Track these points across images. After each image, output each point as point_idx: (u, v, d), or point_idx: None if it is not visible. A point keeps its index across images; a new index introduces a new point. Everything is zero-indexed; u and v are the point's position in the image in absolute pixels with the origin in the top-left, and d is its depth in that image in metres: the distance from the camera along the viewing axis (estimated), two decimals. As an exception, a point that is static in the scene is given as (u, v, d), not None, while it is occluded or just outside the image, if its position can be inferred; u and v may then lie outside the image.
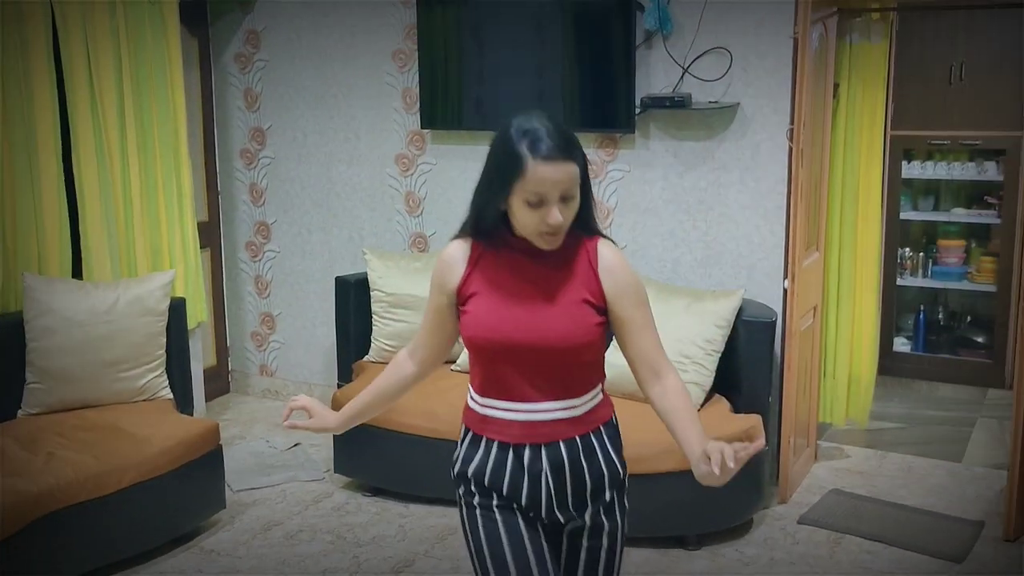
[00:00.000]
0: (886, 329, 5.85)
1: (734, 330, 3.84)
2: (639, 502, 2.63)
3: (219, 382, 5.39)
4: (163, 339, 3.96)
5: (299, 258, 5.20)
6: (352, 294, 4.51)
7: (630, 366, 2.01)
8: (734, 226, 4.14)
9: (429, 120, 4.67)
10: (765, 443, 1.77)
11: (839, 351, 4.56)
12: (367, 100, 4.86)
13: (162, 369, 3.96)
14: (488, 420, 2.01)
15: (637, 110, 4.14)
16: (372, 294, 4.45)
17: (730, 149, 4.09)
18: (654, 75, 4.17)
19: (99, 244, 4.20)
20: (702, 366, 3.79)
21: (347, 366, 4.52)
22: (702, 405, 3.80)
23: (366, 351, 4.46)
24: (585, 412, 2.00)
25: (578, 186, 1.88)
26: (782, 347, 3.97)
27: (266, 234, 5.26)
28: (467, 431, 2.08)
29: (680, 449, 1.91)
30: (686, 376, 3.77)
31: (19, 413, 3.76)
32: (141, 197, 4.36)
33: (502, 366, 1.96)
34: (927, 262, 5.88)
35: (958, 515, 3.90)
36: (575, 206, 1.89)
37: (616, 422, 2.10)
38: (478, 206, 1.95)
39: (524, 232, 1.91)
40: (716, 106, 4.01)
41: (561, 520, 2.03)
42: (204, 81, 5.15)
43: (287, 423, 2.18)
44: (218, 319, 5.36)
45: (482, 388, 2.02)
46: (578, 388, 1.99)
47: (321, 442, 4.64)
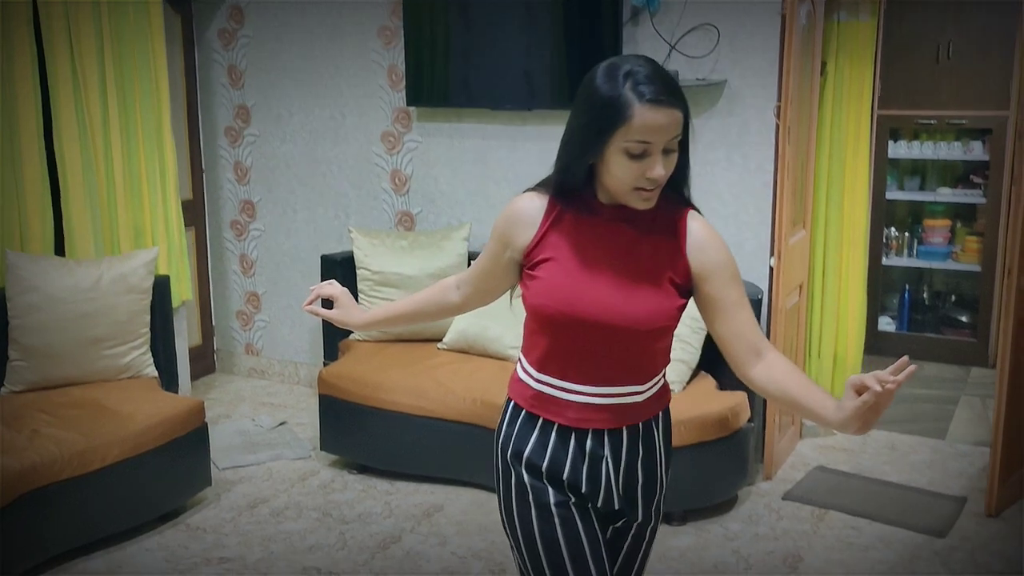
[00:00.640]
0: (871, 308, 5.87)
1: (720, 308, 3.84)
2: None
3: (205, 361, 5.37)
4: (147, 317, 3.94)
5: (284, 237, 5.17)
6: (338, 272, 4.49)
7: (723, 346, 1.82)
8: (720, 204, 4.14)
9: (415, 97, 4.64)
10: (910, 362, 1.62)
11: (825, 330, 4.58)
12: (352, 77, 4.83)
13: (147, 347, 3.94)
14: (543, 398, 1.85)
15: (624, 87, 4.12)
16: (358, 272, 4.43)
17: (717, 126, 4.09)
18: (641, 52, 4.15)
19: (82, 222, 4.16)
20: (688, 344, 3.80)
21: (333, 345, 4.51)
22: (688, 382, 3.81)
23: (351, 330, 4.44)
24: (648, 398, 1.86)
25: (678, 131, 1.70)
26: (768, 325, 3.98)
27: (251, 213, 5.24)
28: (518, 409, 1.90)
29: (810, 414, 1.71)
30: (672, 353, 3.76)
31: (2, 390, 3.74)
32: (124, 175, 4.32)
33: (569, 342, 1.80)
34: (912, 242, 5.90)
35: (941, 491, 3.93)
36: (674, 161, 1.72)
37: (669, 407, 1.97)
38: (567, 159, 1.76)
39: (618, 188, 1.73)
40: (703, 83, 4.00)
41: (615, 508, 1.90)
42: (187, 57, 5.11)
43: (308, 307, 2.15)
44: (203, 298, 5.33)
45: (541, 363, 1.84)
46: (646, 373, 1.85)
47: (307, 421, 4.64)
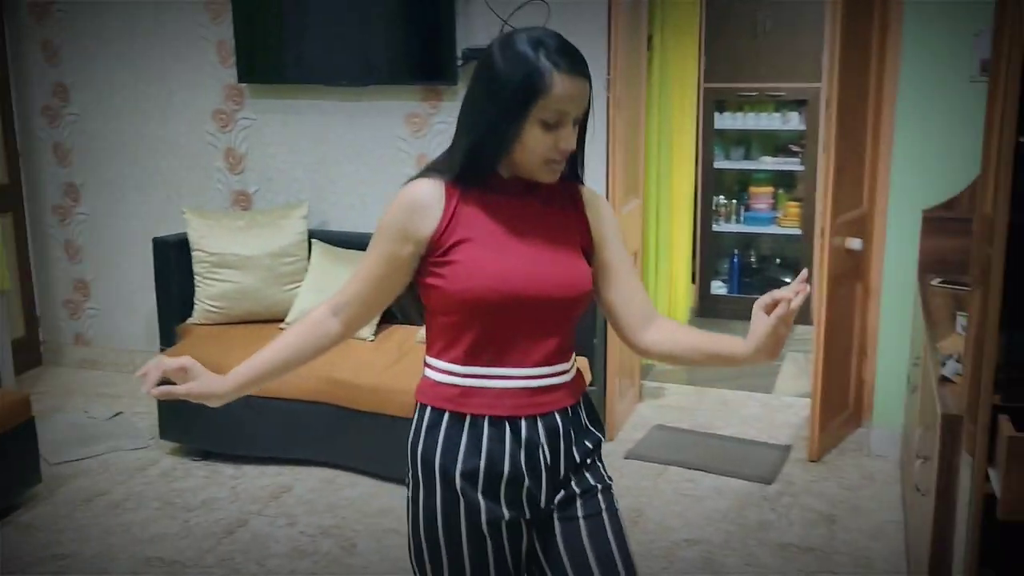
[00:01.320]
0: (704, 273, 6.16)
1: (559, 276, 3.94)
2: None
3: (30, 354, 5.10)
4: (-37, 308, 3.72)
5: (113, 220, 4.96)
6: (172, 255, 4.35)
7: (614, 314, 1.79)
8: (556, 176, 4.23)
9: (247, 74, 4.53)
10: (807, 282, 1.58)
11: (659, 294, 4.77)
12: (179, 53, 4.66)
13: (-36, 340, 3.72)
14: (473, 393, 1.70)
15: (459, 62, 4.15)
16: (193, 255, 4.31)
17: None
18: (475, 27, 4.18)
19: None
20: (529, 313, 3.88)
21: (170, 330, 4.37)
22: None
23: (189, 314, 4.33)
24: (573, 378, 1.79)
25: (586, 106, 1.67)
26: (605, 291, 4.11)
27: (75, 196, 4.99)
28: (439, 413, 1.72)
29: (724, 357, 1.70)
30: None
31: None
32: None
33: (502, 324, 1.68)
34: (740, 209, 6.20)
35: (768, 441, 4.18)
36: (576, 134, 1.69)
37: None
38: (479, 136, 1.65)
39: (529, 161, 1.66)
40: (535, 57, 4.07)
41: (554, 503, 1.76)
42: (-3, 33, 4.81)
43: (155, 391, 1.76)
44: (25, 287, 5.06)
45: (468, 355, 1.70)
46: (569, 350, 1.78)
47: (145, 409, 4.48)
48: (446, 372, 1.73)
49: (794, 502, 3.62)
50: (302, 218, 4.37)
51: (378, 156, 4.47)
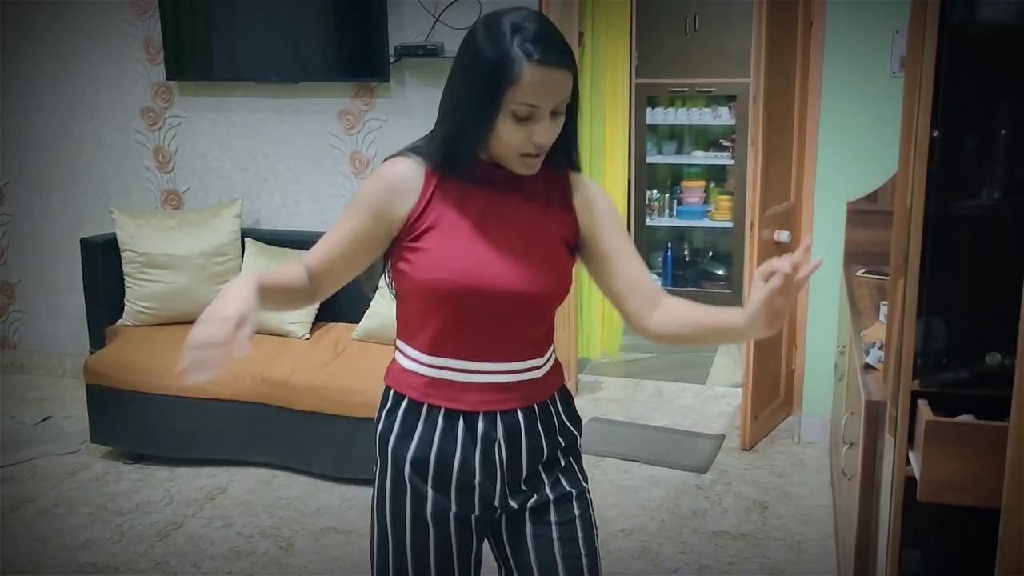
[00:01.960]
0: (638, 267, 6.22)
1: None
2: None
3: (-46, 359, 4.97)
4: None
5: (38, 221, 4.85)
6: (100, 256, 4.27)
7: (620, 302, 1.72)
8: (490, 172, 4.25)
9: (176, 71, 4.46)
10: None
11: (593, 290, 4.82)
12: (105, 49, 4.57)
13: None
14: (438, 384, 1.67)
15: (392, 59, 4.15)
16: (123, 255, 4.23)
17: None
18: (407, 24, 4.18)
19: None
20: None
21: (99, 332, 4.29)
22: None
23: (119, 315, 4.25)
24: (546, 373, 1.73)
25: (566, 94, 1.57)
26: (540, 286, 4.14)
27: (-1, 196, 4.87)
28: (400, 397, 1.70)
29: (725, 331, 1.66)
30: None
31: None
32: None
33: (470, 317, 1.64)
34: (672, 203, 6.29)
35: (702, 431, 4.26)
36: (561, 124, 1.59)
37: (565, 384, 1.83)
38: (457, 126, 1.58)
39: (504, 153, 1.59)
40: (468, 54, 4.08)
41: (515, 506, 1.71)
42: (-87, 29, 4.67)
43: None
44: (-52, 291, 4.93)
45: (433, 345, 1.66)
46: (543, 345, 1.72)
47: (75, 414, 4.39)
48: (413, 360, 1.69)
49: (727, 490, 3.70)
50: (235, 217, 4.32)
51: (311, 154, 4.44)
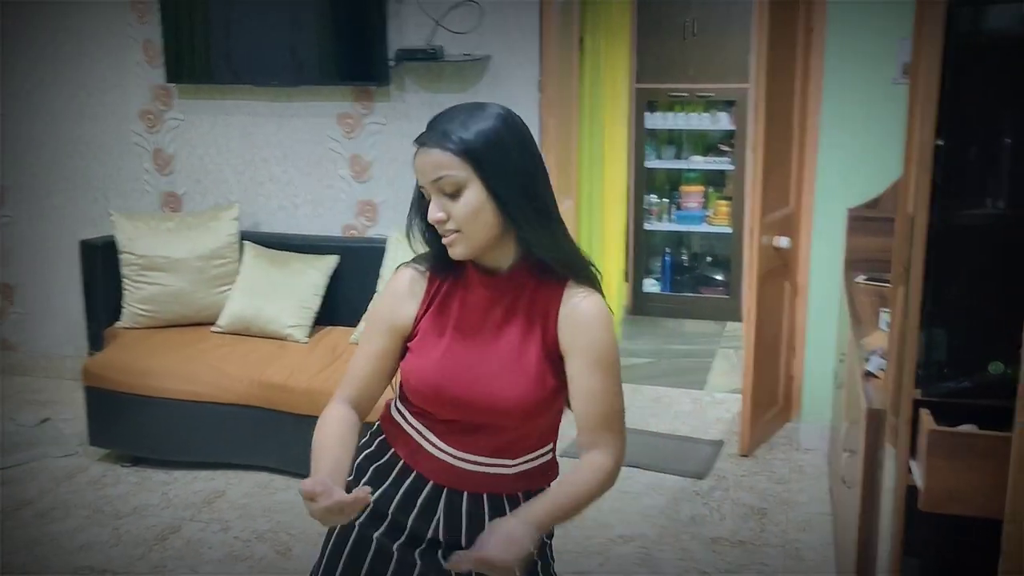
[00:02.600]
0: (636, 271, 6.23)
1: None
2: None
3: (-49, 361, 4.96)
4: None
5: (37, 223, 4.84)
6: (99, 258, 4.26)
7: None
8: (490, 176, 4.25)
9: (175, 74, 4.45)
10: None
11: (593, 293, 4.82)
12: (105, 52, 4.56)
13: None
14: (408, 440, 1.73)
15: (391, 63, 4.14)
16: (121, 257, 4.22)
17: (484, 100, 4.17)
18: (407, 28, 4.17)
19: None
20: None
21: (98, 334, 4.28)
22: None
23: (117, 317, 4.24)
24: (516, 474, 1.70)
25: (468, 183, 1.56)
26: (540, 291, 4.14)
27: (-3, 198, 4.86)
28: (379, 429, 1.79)
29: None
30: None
31: None
32: None
33: (440, 415, 1.69)
34: (671, 207, 6.28)
35: (701, 437, 4.25)
36: (470, 209, 1.56)
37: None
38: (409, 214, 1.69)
39: None
40: (468, 58, 4.08)
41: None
42: (-88, 30, 4.66)
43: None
44: (-54, 292, 4.91)
45: (414, 412, 1.72)
46: (516, 450, 1.70)
47: (73, 416, 4.38)
48: (403, 414, 1.75)
49: (726, 496, 3.69)
50: (233, 220, 4.31)
51: (310, 157, 4.43)
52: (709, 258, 6.46)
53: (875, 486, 2.44)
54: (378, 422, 1.81)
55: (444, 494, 1.70)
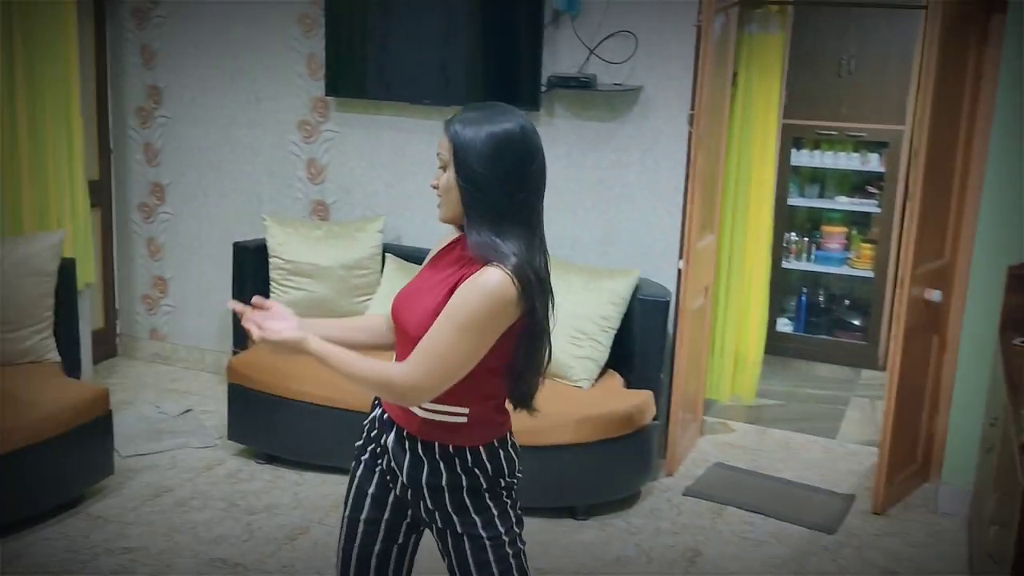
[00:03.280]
0: (770, 310, 6.07)
1: (629, 308, 3.95)
2: (532, 473, 2.71)
3: (106, 345, 5.24)
4: (51, 301, 3.84)
5: (194, 221, 5.08)
6: (250, 260, 4.44)
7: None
8: (632, 207, 4.24)
9: (333, 87, 4.62)
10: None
11: (727, 330, 4.74)
12: (270, 63, 4.77)
13: (50, 332, 3.84)
14: None
15: (543, 88, 4.19)
16: (271, 261, 4.39)
17: (632, 131, 4.18)
18: (560, 54, 4.21)
19: (-18, 200, 4.03)
20: (597, 342, 3.89)
21: (243, 332, 4.43)
22: (596, 380, 3.90)
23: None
24: (423, 419, 2.00)
25: (448, 159, 1.93)
26: (674, 325, 4.10)
27: (160, 195, 5.13)
28: None
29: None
30: (581, 351, 3.86)
31: None
32: (29, 154, 4.19)
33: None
34: (811, 247, 6.13)
35: (831, 488, 4.12)
36: (445, 184, 1.95)
37: (476, 457, 2.01)
38: None
39: None
40: (620, 88, 4.09)
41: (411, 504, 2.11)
42: (98, 34, 4.96)
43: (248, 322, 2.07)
44: (107, 281, 5.20)
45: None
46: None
47: (213, 409, 4.58)
48: None
49: (856, 555, 3.57)
50: (378, 232, 4.43)
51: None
52: (847, 301, 6.27)
53: (1027, 566, 2.32)
54: None
55: (393, 428, 2.07)
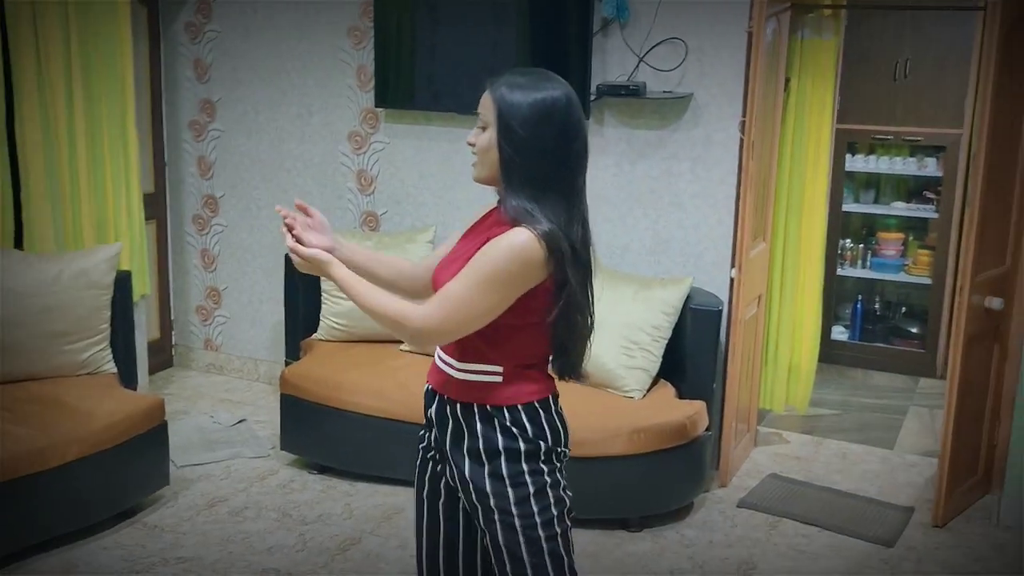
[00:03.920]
0: (825, 318, 5.97)
1: (681, 317, 3.91)
2: (584, 485, 2.69)
3: (162, 356, 5.33)
4: (107, 313, 3.90)
5: (247, 233, 5.15)
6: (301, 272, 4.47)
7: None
8: (683, 215, 4.21)
9: (383, 98, 4.64)
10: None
11: (781, 339, 4.67)
12: (321, 76, 4.81)
13: (106, 343, 3.91)
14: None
15: (592, 97, 4.17)
16: (322, 272, 4.42)
17: (682, 139, 4.15)
18: (610, 62, 4.20)
19: (42, 215, 4.11)
20: (649, 352, 3.86)
21: (295, 343, 4.51)
22: (648, 390, 3.87)
23: (314, 329, 4.45)
24: (460, 380, 2.04)
25: (491, 120, 1.95)
26: (727, 335, 4.05)
27: (214, 207, 5.20)
28: None
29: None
30: (633, 361, 3.83)
31: (-42, 385, 3.68)
32: (87, 168, 4.27)
33: None
34: (866, 253, 6.02)
35: (889, 501, 4.04)
36: (484, 145, 1.98)
37: (515, 416, 2.00)
38: None
39: None
40: (670, 96, 4.06)
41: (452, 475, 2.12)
42: (152, 50, 5.05)
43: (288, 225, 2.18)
44: (162, 292, 5.29)
45: None
46: (461, 351, 2.02)
47: (266, 419, 4.62)
48: None
49: (917, 568, 3.49)
50: (428, 242, 4.44)
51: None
52: (904, 308, 6.15)
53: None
54: None
55: (435, 396, 2.10)
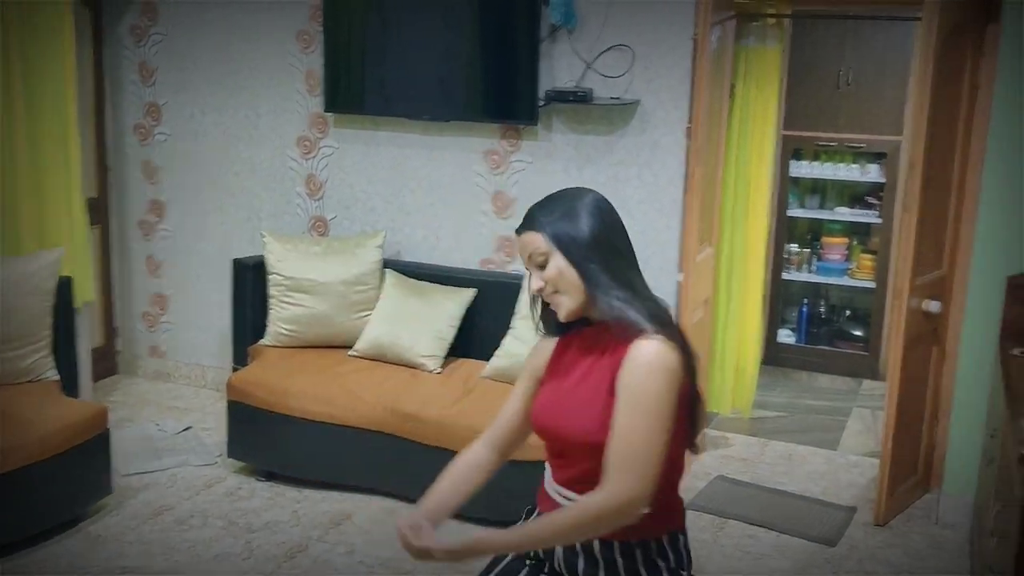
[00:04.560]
0: (771, 321, 6.08)
1: (629, 321, 3.94)
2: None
3: (106, 363, 5.24)
4: (50, 319, 3.84)
5: (194, 238, 5.09)
6: (249, 277, 4.44)
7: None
8: (631, 220, 4.24)
9: (332, 103, 4.63)
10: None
11: (727, 343, 4.73)
12: (269, 80, 4.78)
13: (49, 350, 3.84)
14: (543, 492, 2.02)
15: (540, 103, 4.19)
16: (270, 277, 4.39)
17: (629, 145, 4.19)
18: (558, 69, 4.22)
19: (-19, 219, 4.04)
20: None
21: (243, 349, 4.46)
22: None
23: (262, 335, 4.41)
24: None
25: (551, 255, 1.87)
26: (674, 338, 4.09)
27: (159, 212, 5.13)
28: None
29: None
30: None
31: None
32: (27, 172, 4.20)
33: (546, 445, 1.99)
34: (812, 258, 6.12)
35: (833, 501, 4.10)
36: (555, 274, 1.88)
37: (662, 550, 1.92)
38: None
39: None
40: (617, 102, 4.10)
41: None
42: (96, 52, 4.98)
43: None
44: (107, 298, 5.21)
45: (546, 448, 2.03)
46: (581, 483, 1.89)
47: (213, 426, 4.57)
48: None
49: (858, 567, 3.55)
50: (378, 247, 4.43)
51: (455, 191, 4.52)
52: (848, 312, 6.26)
53: (1028, 579, 2.30)
54: None
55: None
